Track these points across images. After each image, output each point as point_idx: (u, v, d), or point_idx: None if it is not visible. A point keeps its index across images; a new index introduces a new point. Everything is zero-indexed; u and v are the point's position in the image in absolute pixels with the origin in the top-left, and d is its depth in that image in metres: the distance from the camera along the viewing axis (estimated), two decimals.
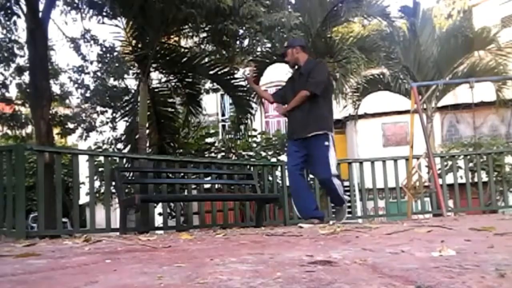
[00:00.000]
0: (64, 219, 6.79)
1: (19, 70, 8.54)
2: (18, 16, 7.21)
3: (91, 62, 8.27)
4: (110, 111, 9.10)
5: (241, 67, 8.95)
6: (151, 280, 1.24)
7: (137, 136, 7.66)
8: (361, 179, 6.83)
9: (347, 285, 1.07)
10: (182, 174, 6.21)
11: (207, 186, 6.62)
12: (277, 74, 11.72)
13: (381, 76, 10.50)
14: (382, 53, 9.03)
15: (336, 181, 4.36)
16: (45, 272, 1.47)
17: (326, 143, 4.27)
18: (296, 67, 4.51)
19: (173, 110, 9.07)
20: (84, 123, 9.36)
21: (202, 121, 9.96)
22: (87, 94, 8.49)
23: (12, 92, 9.25)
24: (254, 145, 9.96)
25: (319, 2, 8.69)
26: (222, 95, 13.56)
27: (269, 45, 8.83)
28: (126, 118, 9.04)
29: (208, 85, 9.25)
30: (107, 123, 9.30)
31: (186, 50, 8.43)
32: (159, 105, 8.78)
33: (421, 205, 6.96)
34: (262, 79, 10.15)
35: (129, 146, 8.84)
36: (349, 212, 7.61)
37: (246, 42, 7.10)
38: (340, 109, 11.59)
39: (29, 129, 9.12)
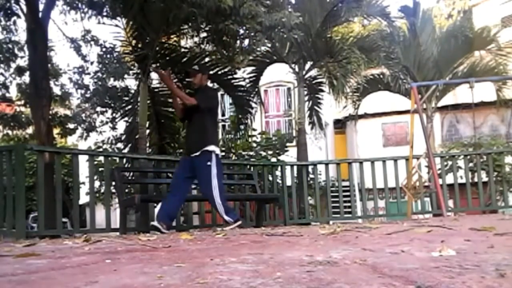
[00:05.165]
0: (64, 219, 6.80)
1: (19, 71, 8.53)
2: (18, 16, 7.19)
3: (91, 63, 8.26)
4: (110, 111, 9.09)
5: (241, 67, 8.94)
6: (151, 280, 1.24)
7: (137, 136, 7.65)
8: (361, 179, 6.83)
9: (347, 285, 1.07)
10: None
11: None
12: (277, 74, 11.74)
13: (381, 76, 10.50)
14: (382, 53, 9.03)
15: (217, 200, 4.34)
16: (45, 272, 1.47)
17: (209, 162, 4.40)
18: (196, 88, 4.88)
19: (173, 110, 9.04)
20: (84, 123, 9.34)
21: None
22: (87, 95, 8.48)
23: (13, 93, 9.26)
24: (254, 145, 9.95)
25: (319, 2, 8.70)
26: (222, 95, 13.53)
27: (269, 45, 8.84)
28: (126, 118, 9.04)
29: (208, 85, 9.23)
30: (107, 123, 9.29)
31: (186, 50, 8.42)
32: (159, 105, 8.77)
33: (421, 205, 6.96)
34: (262, 79, 10.16)
35: (129, 146, 8.84)
36: (349, 212, 7.64)
37: (246, 42, 7.08)
38: (340, 109, 11.60)
39: (30, 130, 9.12)
